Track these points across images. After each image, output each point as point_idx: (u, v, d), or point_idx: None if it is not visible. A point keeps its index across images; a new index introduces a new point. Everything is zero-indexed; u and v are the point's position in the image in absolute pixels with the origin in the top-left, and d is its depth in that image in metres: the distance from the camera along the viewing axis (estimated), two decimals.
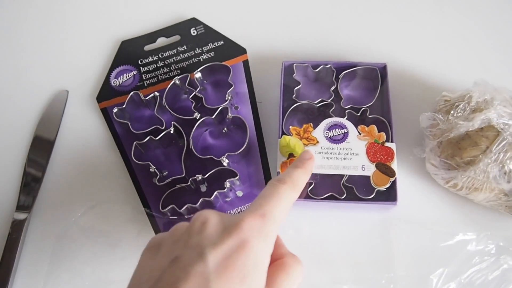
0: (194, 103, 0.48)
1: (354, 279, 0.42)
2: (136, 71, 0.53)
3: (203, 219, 0.28)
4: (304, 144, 0.44)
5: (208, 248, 0.26)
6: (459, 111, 0.42)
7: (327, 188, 0.43)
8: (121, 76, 0.53)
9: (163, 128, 0.47)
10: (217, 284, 0.25)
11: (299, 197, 0.33)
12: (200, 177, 0.44)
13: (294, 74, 0.49)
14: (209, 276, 0.25)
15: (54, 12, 0.59)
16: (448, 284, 0.41)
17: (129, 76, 0.52)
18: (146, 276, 0.27)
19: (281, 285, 0.28)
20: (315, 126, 0.45)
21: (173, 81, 0.48)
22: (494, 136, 0.39)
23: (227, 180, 0.43)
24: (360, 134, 0.44)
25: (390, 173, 0.42)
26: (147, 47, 0.54)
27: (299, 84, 0.48)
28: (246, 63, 0.52)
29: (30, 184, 0.47)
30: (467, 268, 0.42)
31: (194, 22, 0.55)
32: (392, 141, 0.44)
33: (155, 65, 0.53)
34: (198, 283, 0.25)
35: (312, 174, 0.39)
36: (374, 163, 0.43)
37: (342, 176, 0.43)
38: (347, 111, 0.46)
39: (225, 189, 0.43)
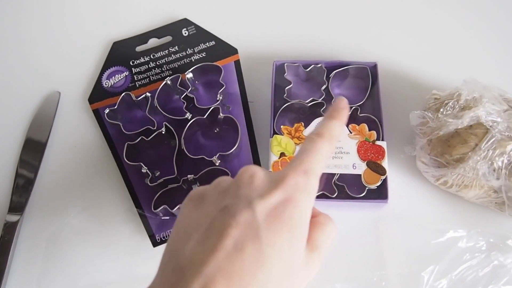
0: (185, 104, 0.48)
1: (346, 277, 0.43)
2: (127, 72, 0.53)
3: (251, 172, 0.29)
4: (295, 143, 0.44)
5: (257, 200, 0.27)
6: (448, 109, 0.42)
7: (318, 186, 0.43)
8: (113, 77, 0.53)
9: (155, 128, 0.47)
10: (266, 233, 0.26)
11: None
12: (192, 177, 0.44)
13: (285, 74, 0.49)
14: (259, 225, 0.26)
15: (45, 14, 0.59)
16: (440, 280, 0.42)
17: (121, 77, 0.53)
18: (194, 224, 0.28)
19: (318, 239, 0.29)
20: (306, 125, 0.45)
21: (164, 82, 0.48)
22: (483, 133, 0.40)
23: None
24: (351, 132, 0.45)
25: (381, 171, 0.43)
26: (139, 48, 0.54)
27: (290, 84, 0.48)
28: (237, 63, 0.52)
29: (22, 186, 0.47)
30: (458, 265, 0.42)
31: (185, 22, 0.55)
32: (383, 140, 0.45)
33: (146, 66, 0.53)
34: (247, 230, 0.26)
35: None
36: (365, 162, 0.43)
37: (333, 174, 0.44)
38: None
39: None
